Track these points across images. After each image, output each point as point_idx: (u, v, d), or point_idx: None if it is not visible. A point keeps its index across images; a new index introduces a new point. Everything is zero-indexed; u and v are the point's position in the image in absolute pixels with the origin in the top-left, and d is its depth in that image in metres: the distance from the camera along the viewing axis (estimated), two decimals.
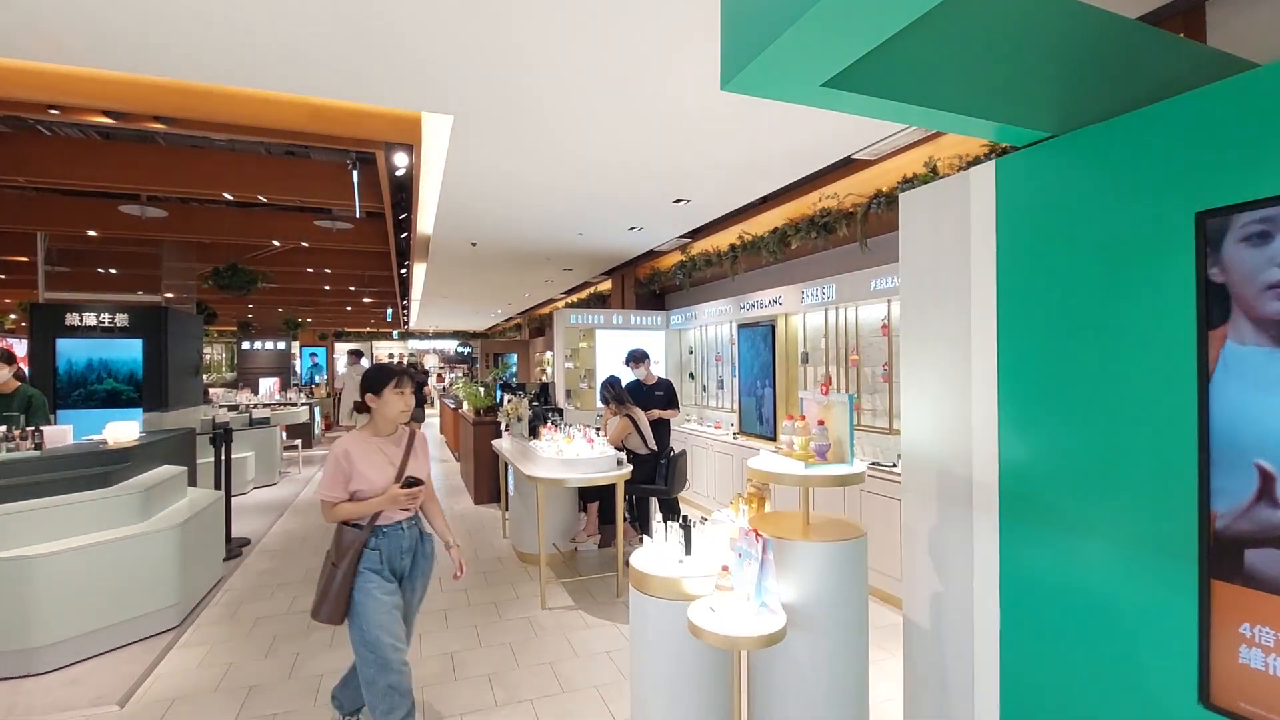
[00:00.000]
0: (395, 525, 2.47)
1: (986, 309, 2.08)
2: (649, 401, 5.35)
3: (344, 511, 2.38)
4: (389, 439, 2.51)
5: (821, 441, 2.25)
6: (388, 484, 2.40)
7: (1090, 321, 1.74)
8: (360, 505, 2.37)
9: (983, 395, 2.07)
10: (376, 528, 2.42)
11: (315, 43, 2.66)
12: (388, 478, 2.42)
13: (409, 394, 2.48)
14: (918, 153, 4.16)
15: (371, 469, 2.40)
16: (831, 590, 2.22)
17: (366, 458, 2.41)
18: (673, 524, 2.60)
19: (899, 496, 4.07)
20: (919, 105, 1.71)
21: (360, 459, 2.39)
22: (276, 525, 6.45)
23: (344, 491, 2.38)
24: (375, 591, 2.38)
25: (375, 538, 2.42)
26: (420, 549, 2.60)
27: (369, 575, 2.38)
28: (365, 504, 2.37)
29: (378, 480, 2.40)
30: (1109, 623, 1.68)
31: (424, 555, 2.62)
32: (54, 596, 3.36)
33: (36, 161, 5.14)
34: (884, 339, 4.73)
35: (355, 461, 2.38)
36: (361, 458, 2.40)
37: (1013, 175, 2.02)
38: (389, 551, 2.45)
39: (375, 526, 2.42)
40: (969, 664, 2.11)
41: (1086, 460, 1.75)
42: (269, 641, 3.72)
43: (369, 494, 2.38)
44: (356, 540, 2.38)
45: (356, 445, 2.42)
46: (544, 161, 4.26)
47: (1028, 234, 1.96)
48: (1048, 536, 1.88)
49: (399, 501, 2.38)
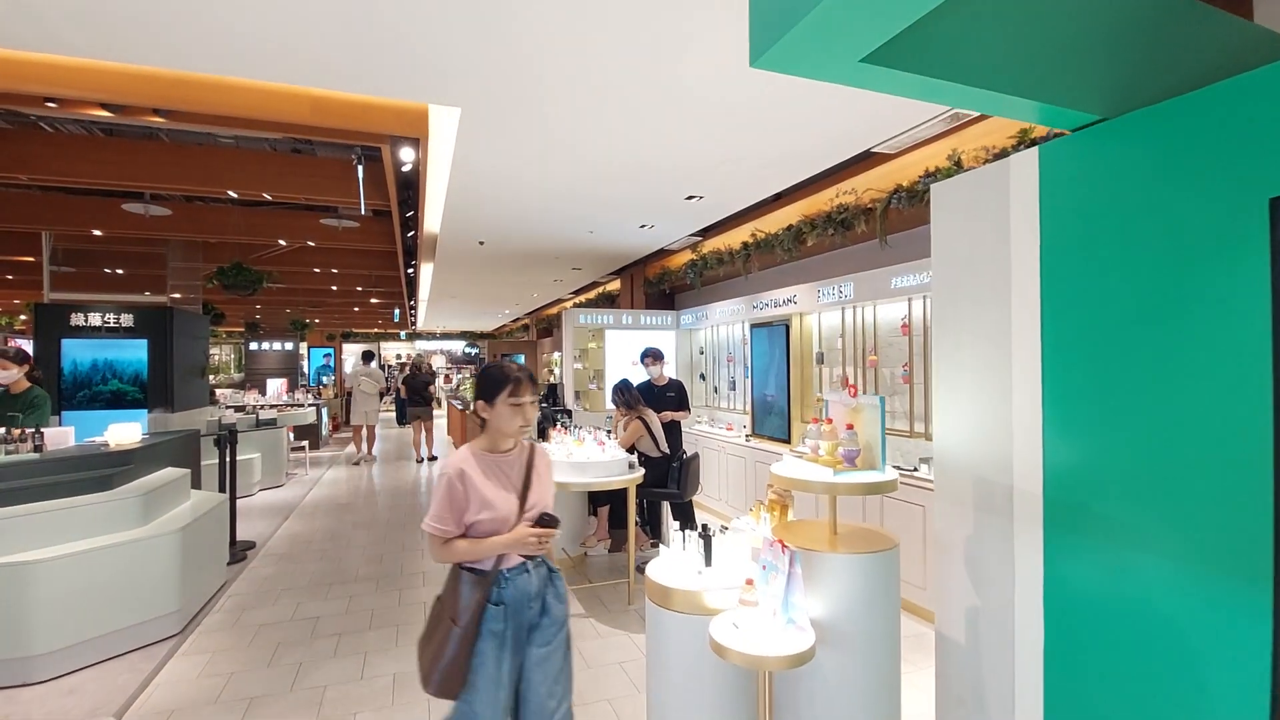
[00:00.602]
0: (519, 568, 1.96)
1: (1029, 305, 1.94)
2: (660, 403, 5.22)
3: (460, 551, 1.90)
4: (506, 456, 2.04)
5: (851, 447, 2.12)
6: (511, 513, 1.94)
7: (1148, 317, 1.60)
8: (480, 546, 1.90)
9: (1025, 397, 1.94)
10: (499, 573, 1.93)
11: (317, 32, 2.55)
12: (511, 506, 1.96)
13: (529, 405, 1.99)
14: (940, 145, 4.02)
15: (494, 493, 1.94)
16: (862, 606, 2.08)
17: (487, 479, 1.95)
18: (691, 533, 2.47)
19: (922, 503, 3.93)
20: (962, 84, 1.58)
21: (480, 482, 1.93)
22: (282, 528, 6.36)
23: (459, 524, 1.91)
24: (492, 663, 1.89)
25: (498, 587, 1.91)
26: (551, 589, 2.04)
27: (489, 640, 1.89)
28: (486, 545, 1.90)
29: (501, 507, 1.93)
30: (1168, 644, 1.55)
31: (557, 597, 2.05)
32: (52, 603, 3.27)
33: (38, 159, 5.07)
34: (904, 339, 4.59)
35: (474, 485, 1.91)
36: (481, 480, 1.93)
37: (1058, 162, 1.89)
38: (515, 602, 1.93)
39: (498, 572, 1.93)
40: (1009, 682, 1.98)
41: (1143, 468, 1.61)
42: (272, 650, 3.62)
43: (491, 525, 1.91)
44: (479, 594, 1.89)
45: (473, 464, 1.96)
46: (554, 156, 4.15)
47: (1075, 225, 1.82)
48: (1098, 549, 1.74)
49: (527, 546, 1.91)
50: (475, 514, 1.91)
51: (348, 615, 4.12)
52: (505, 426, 1.98)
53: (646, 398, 5.23)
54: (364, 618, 4.07)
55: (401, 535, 6.08)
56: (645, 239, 6.97)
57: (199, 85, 3.17)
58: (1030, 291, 1.95)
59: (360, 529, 6.34)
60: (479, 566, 1.93)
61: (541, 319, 15.90)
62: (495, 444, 2.03)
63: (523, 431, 2.02)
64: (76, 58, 2.84)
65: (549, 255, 7.82)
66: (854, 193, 4.69)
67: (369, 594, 4.51)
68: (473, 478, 1.92)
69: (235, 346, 19.97)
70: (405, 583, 4.73)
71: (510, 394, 1.95)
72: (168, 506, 4.18)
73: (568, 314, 7.95)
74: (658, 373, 5.35)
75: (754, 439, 6.14)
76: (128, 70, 3.03)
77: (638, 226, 6.32)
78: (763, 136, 3.83)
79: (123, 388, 6.58)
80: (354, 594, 4.51)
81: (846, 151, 4.13)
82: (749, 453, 5.94)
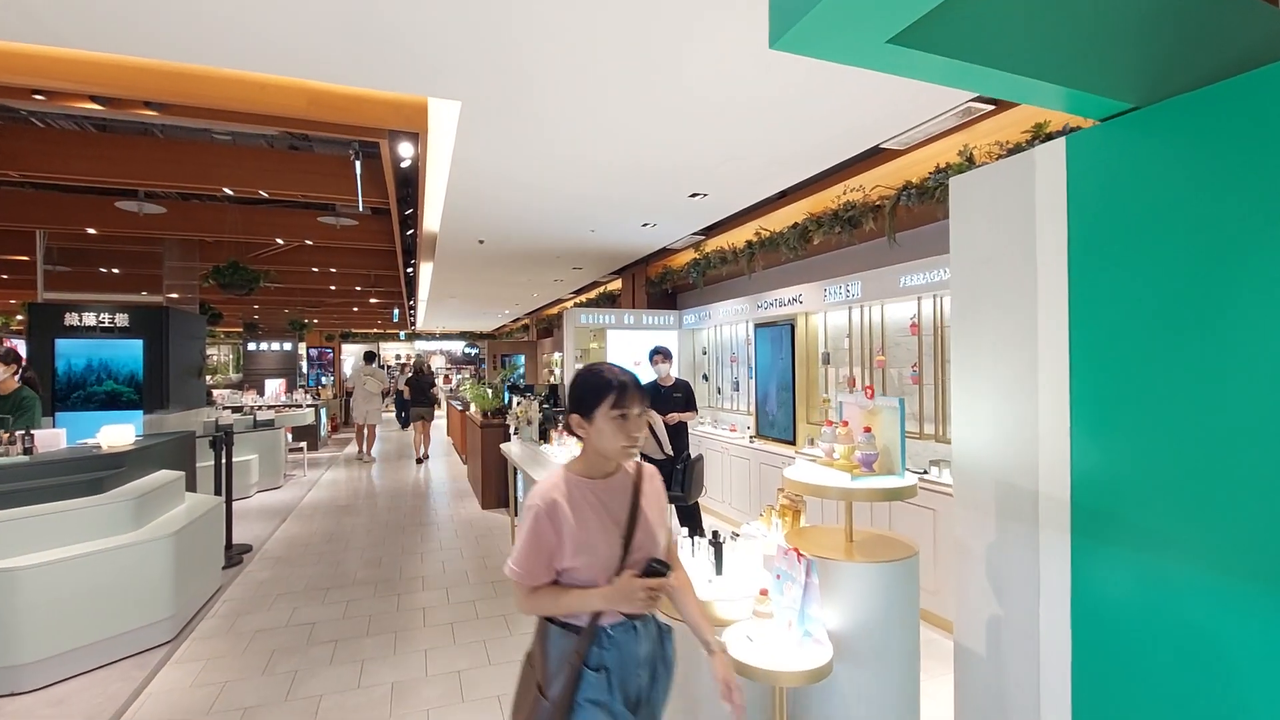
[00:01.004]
0: (625, 625, 1.56)
1: (1055, 302, 1.86)
2: (666, 404, 5.13)
3: (549, 603, 1.53)
4: (607, 483, 1.62)
5: (869, 450, 2.03)
6: (613, 557, 1.54)
7: (1184, 315, 1.52)
8: (574, 598, 1.51)
9: (1051, 399, 1.85)
10: (599, 629, 1.53)
11: (313, 21, 2.46)
12: (613, 548, 1.55)
13: (637, 418, 1.57)
14: (951, 141, 3.94)
15: (593, 533, 1.54)
16: (881, 617, 2.00)
17: (583, 514, 1.55)
18: (700, 539, 2.38)
19: (933, 506, 3.85)
20: (989, 67, 1.50)
21: (575, 517, 1.53)
22: (279, 530, 6.27)
23: (549, 569, 1.53)
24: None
25: (598, 647, 1.53)
26: (661, 654, 1.65)
27: (591, 713, 1.50)
28: (582, 598, 1.51)
29: (601, 550, 1.54)
30: (1205, 658, 1.46)
31: (665, 663, 1.66)
32: (41, 610, 3.18)
33: (29, 155, 4.97)
34: (913, 338, 4.50)
35: (567, 521, 1.52)
36: (577, 515, 1.54)
37: (1088, 152, 1.80)
38: (620, 668, 1.54)
39: (597, 628, 1.53)
40: (1034, 696, 1.89)
41: (1179, 473, 1.53)
42: (267, 657, 3.53)
43: (588, 573, 1.52)
44: (573, 655, 1.51)
45: (566, 493, 1.56)
46: (555, 152, 4.06)
47: (1106, 218, 1.74)
48: (1130, 557, 1.65)
49: (635, 601, 1.48)
50: (569, 559, 1.51)
51: (345, 621, 4.03)
52: (607, 446, 1.56)
53: (652, 398, 5.14)
54: (361, 623, 3.98)
55: (401, 538, 5.99)
56: (647, 238, 6.88)
57: (192, 77, 3.08)
58: (1057, 288, 1.86)
59: (359, 531, 6.25)
60: (573, 621, 1.54)
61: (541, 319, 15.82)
62: (594, 468, 1.62)
63: (629, 453, 1.58)
64: (63, 48, 2.75)
65: (550, 255, 7.74)
66: (861, 190, 4.60)
67: (367, 598, 4.42)
68: (566, 513, 1.52)
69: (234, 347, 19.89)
70: (404, 587, 4.64)
71: (613, 404, 1.54)
72: (161, 510, 4.09)
73: (569, 314, 7.87)
74: (665, 372, 5.26)
75: (758, 440, 6.05)
76: (117, 61, 2.94)
77: (640, 225, 6.23)
78: (769, 132, 3.75)
79: (118, 389, 6.49)
80: (352, 598, 4.42)
81: (855, 147, 4.05)
82: (753, 454, 5.85)
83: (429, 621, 4.00)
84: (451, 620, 4.02)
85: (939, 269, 4.13)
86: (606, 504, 1.59)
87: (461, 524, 6.51)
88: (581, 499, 1.56)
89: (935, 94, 3.25)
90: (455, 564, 5.16)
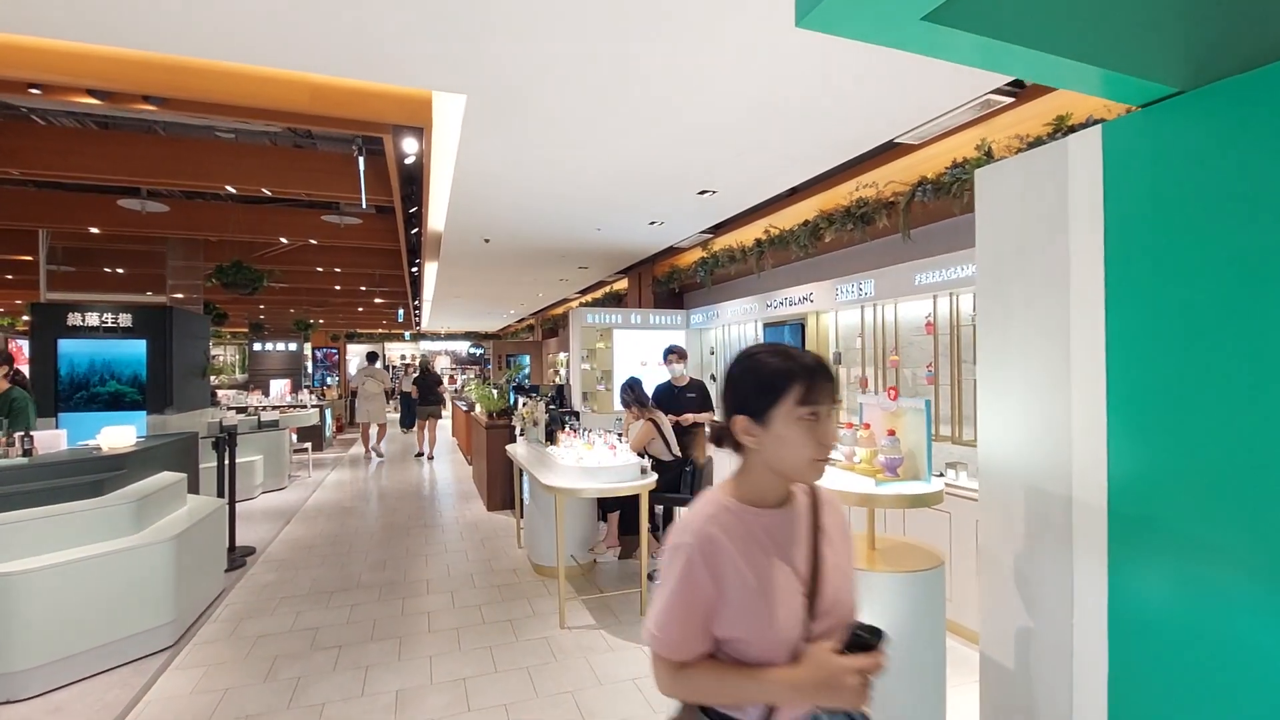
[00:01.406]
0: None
1: (1090, 297, 1.77)
2: (680, 404, 5.04)
3: (706, 686, 1.07)
4: (781, 513, 1.15)
5: (893, 455, 1.94)
6: (794, 622, 1.06)
7: (1236, 310, 1.42)
8: (747, 683, 1.04)
9: (1086, 399, 1.76)
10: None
11: (313, 11, 2.39)
12: (794, 609, 1.07)
13: (828, 417, 1.10)
14: (967, 135, 3.84)
15: (769, 586, 1.07)
16: (906, 629, 1.90)
17: (754, 558, 1.09)
18: None
19: (949, 510, 3.75)
20: (1027, 47, 1.41)
21: (742, 564, 1.07)
22: (283, 532, 6.21)
23: (704, 636, 1.07)
24: None
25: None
26: None
27: None
28: (759, 682, 1.03)
29: (781, 610, 1.06)
30: (1259, 677, 1.37)
31: None
32: (38, 615, 3.11)
33: (30, 152, 4.92)
34: (928, 338, 4.40)
35: (733, 567, 1.07)
36: (747, 559, 1.08)
37: (1127, 140, 1.71)
38: None
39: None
40: (1065, 712, 1.80)
41: (1227, 478, 1.43)
42: (269, 663, 3.46)
43: (762, 647, 1.05)
44: None
45: (723, 530, 1.09)
46: (562, 148, 3.98)
47: (1146, 210, 1.65)
48: (1172, 567, 1.56)
49: (842, 691, 1.01)
50: (734, 625, 1.05)
51: (349, 626, 3.96)
52: (791, 460, 1.08)
53: (665, 399, 5.05)
54: (366, 628, 3.91)
55: (405, 540, 5.92)
56: (655, 236, 6.80)
57: (192, 71, 3.01)
58: (1092, 283, 1.77)
59: (363, 533, 6.18)
60: (738, 716, 1.07)
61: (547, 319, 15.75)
62: (763, 492, 1.13)
63: (819, 470, 1.10)
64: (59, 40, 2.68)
65: (555, 254, 7.66)
66: (874, 186, 4.51)
67: (371, 602, 4.35)
68: (730, 555, 1.06)
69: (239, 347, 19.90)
70: (408, 590, 4.56)
71: (802, 399, 1.07)
72: (163, 512, 4.03)
73: (575, 313, 7.79)
74: (680, 372, 5.16)
75: None
76: (115, 54, 2.88)
77: (647, 223, 6.15)
78: (781, 127, 3.66)
79: (121, 389, 6.44)
80: (356, 602, 4.35)
81: (869, 142, 3.95)
82: None
83: (434, 627, 3.92)
84: (457, 626, 3.94)
85: (955, 266, 4.03)
86: (781, 544, 1.10)
87: (467, 526, 6.43)
88: (749, 537, 1.09)
89: (953, 86, 3.16)
90: (460, 567, 5.09)
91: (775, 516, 1.14)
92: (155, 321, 6.53)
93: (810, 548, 1.14)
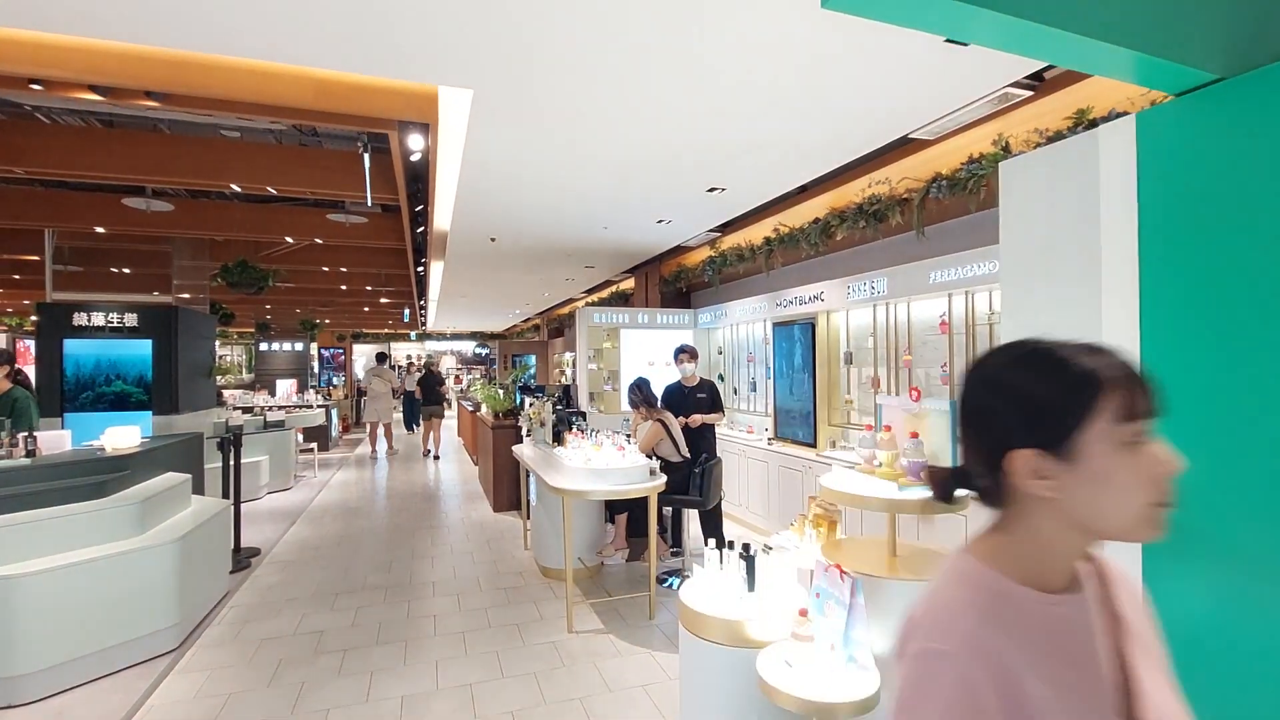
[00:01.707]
0: None
1: (1123, 291, 1.70)
2: (689, 405, 4.97)
3: None
4: (1071, 600, 0.76)
5: (916, 458, 1.86)
6: None
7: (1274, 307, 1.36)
8: None
9: None
10: None
11: (317, 4, 2.33)
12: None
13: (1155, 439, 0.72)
14: (983, 130, 3.75)
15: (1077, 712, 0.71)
16: None
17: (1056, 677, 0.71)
18: (729, 551, 2.22)
19: (964, 512, 3.66)
20: (1058, 28, 1.35)
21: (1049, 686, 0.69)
22: (289, 533, 6.17)
23: None
24: None
25: None
26: None
27: None
28: None
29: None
30: None
31: None
32: (41, 619, 3.07)
33: (35, 151, 4.88)
34: (942, 337, 4.31)
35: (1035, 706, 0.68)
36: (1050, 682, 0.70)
37: (1162, 130, 1.64)
38: None
39: None
40: None
41: (1269, 482, 1.37)
42: (273, 667, 3.41)
43: None
44: None
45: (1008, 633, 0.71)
46: (570, 143, 3.91)
47: (1182, 202, 1.58)
48: (1212, 576, 1.50)
49: None
50: None
51: (354, 629, 3.91)
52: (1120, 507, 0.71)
53: (674, 399, 4.98)
54: (371, 631, 3.86)
55: (411, 541, 5.87)
56: (662, 235, 6.72)
57: (194, 66, 2.96)
58: (1125, 276, 1.70)
59: (369, 534, 6.14)
60: None
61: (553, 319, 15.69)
62: (1044, 567, 0.77)
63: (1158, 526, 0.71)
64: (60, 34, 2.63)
65: (562, 253, 7.60)
66: (887, 182, 4.42)
67: (377, 604, 4.30)
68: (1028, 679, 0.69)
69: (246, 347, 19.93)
70: (414, 593, 4.51)
71: (1125, 414, 0.71)
72: (167, 514, 3.99)
73: (581, 312, 7.72)
74: (690, 371, 5.10)
75: (776, 443, 5.88)
76: (117, 49, 2.82)
77: (655, 222, 6.07)
78: (792, 121, 3.58)
79: (127, 389, 6.41)
80: (361, 605, 4.30)
81: (884, 137, 3.87)
82: (772, 457, 5.68)
83: (440, 630, 3.87)
84: (463, 629, 3.88)
85: (971, 264, 3.94)
86: (1086, 651, 0.75)
87: (473, 527, 6.38)
88: (1049, 642, 0.73)
89: (970, 79, 3.07)
90: (466, 569, 5.03)
91: (1070, 606, 0.76)
92: (161, 321, 6.50)
93: (1115, 653, 0.77)
